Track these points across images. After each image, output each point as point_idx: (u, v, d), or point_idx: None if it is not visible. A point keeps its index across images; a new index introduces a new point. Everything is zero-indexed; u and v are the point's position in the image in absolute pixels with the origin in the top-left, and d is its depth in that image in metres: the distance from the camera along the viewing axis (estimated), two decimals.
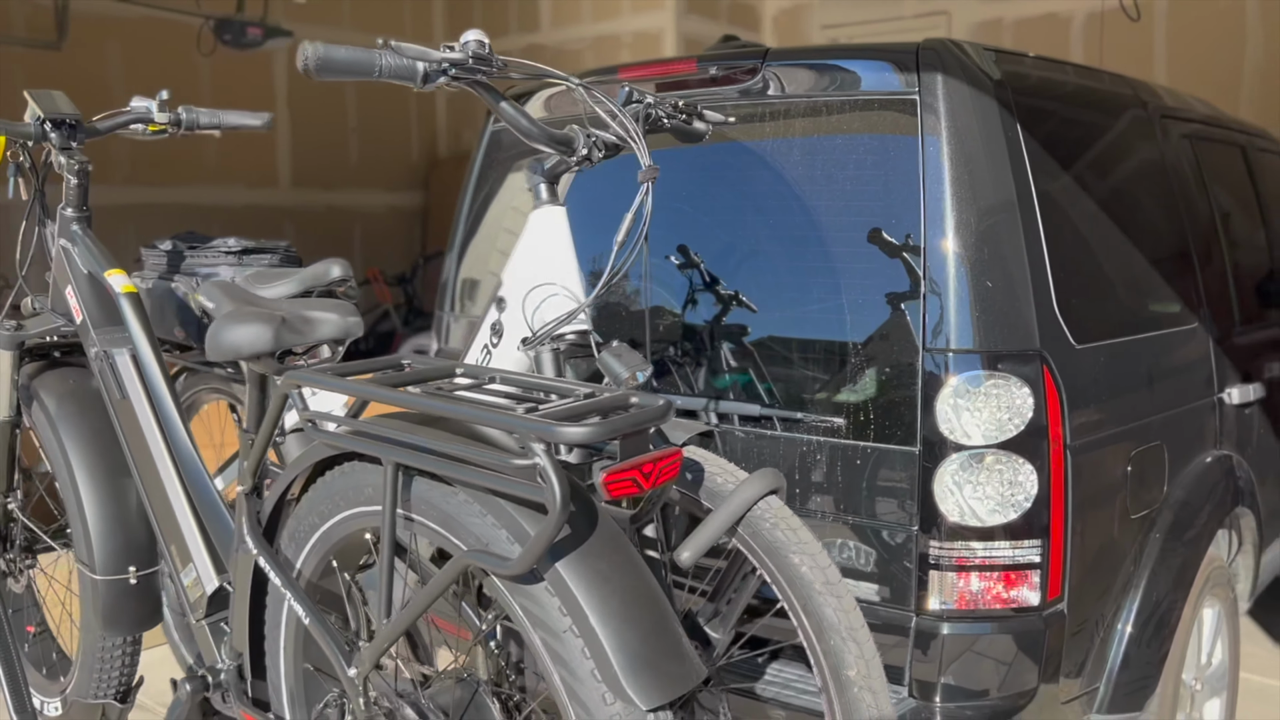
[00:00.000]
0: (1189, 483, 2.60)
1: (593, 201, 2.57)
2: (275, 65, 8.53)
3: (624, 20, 8.60)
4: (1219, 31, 6.91)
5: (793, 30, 8.96)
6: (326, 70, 1.52)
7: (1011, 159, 2.22)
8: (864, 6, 8.54)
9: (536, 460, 1.19)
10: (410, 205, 9.90)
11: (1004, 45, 8.28)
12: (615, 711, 1.25)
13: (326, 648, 1.55)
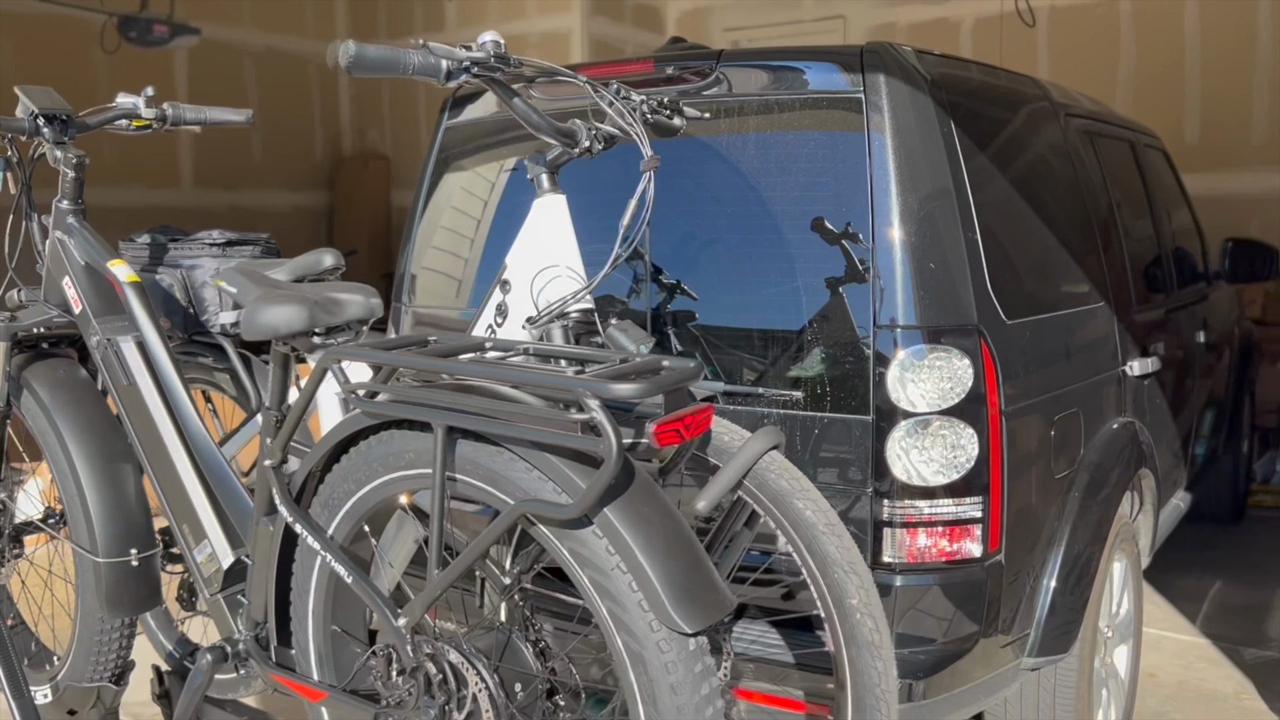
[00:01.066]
0: (1100, 447, 2.86)
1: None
2: (176, 63, 8.40)
3: (531, 21, 8.70)
4: (1097, 39, 7.37)
5: (695, 32, 9.17)
6: (359, 68, 1.63)
7: (947, 152, 2.44)
8: (764, 10, 8.81)
9: (593, 414, 1.34)
10: (315, 205, 9.84)
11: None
12: (661, 637, 1.39)
13: (372, 602, 1.66)
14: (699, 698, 1.41)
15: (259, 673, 1.93)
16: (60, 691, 2.33)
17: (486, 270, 2.99)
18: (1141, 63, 7.30)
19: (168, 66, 8.34)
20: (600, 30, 8.59)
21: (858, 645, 1.67)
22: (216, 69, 8.67)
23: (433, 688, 1.60)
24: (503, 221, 2.99)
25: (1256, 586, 4.62)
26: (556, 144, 1.84)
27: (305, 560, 1.80)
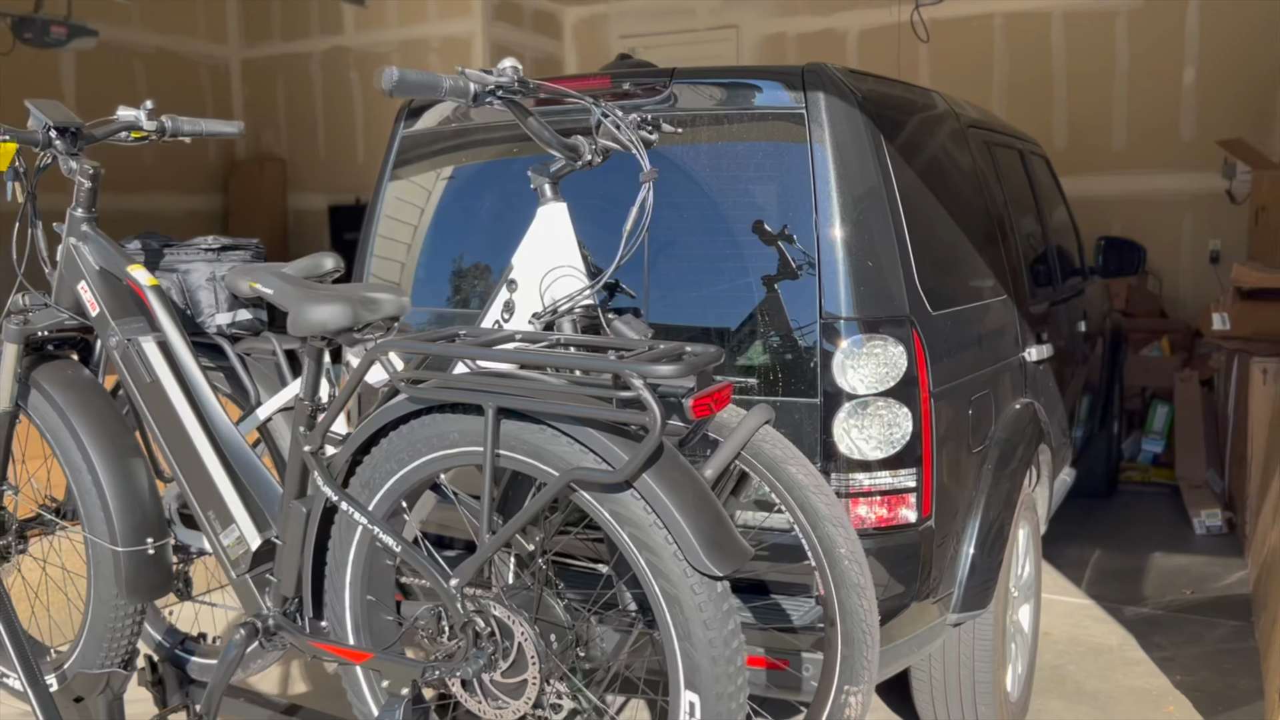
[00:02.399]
0: (1007, 425, 3.20)
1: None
2: (64, 65, 8.22)
3: (432, 26, 8.79)
4: (973, 51, 7.87)
5: (591, 39, 9.41)
6: (400, 89, 1.81)
7: (877, 161, 2.73)
8: (659, 19, 9.09)
9: (640, 392, 1.55)
10: (209, 208, 9.71)
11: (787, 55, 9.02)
12: (694, 581, 1.61)
13: (424, 568, 1.83)
14: (726, 632, 1.64)
15: (296, 644, 2.08)
16: (68, 680, 2.42)
17: (446, 270, 3.16)
18: (1014, 74, 7.84)
19: (55, 68, 8.16)
20: (500, 35, 8.74)
21: (846, 588, 1.92)
22: (106, 70, 8.51)
23: (480, 640, 1.79)
24: (461, 224, 3.16)
25: (1131, 553, 5.10)
26: (561, 157, 2.04)
27: (343, 536, 1.96)
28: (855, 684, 1.92)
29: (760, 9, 8.68)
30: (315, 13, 9.39)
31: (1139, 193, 7.51)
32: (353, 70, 9.29)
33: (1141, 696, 3.61)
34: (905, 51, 8.07)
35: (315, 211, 9.63)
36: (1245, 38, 7.21)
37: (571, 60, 9.50)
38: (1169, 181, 7.49)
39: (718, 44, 8.92)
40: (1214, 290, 7.29)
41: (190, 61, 9.41)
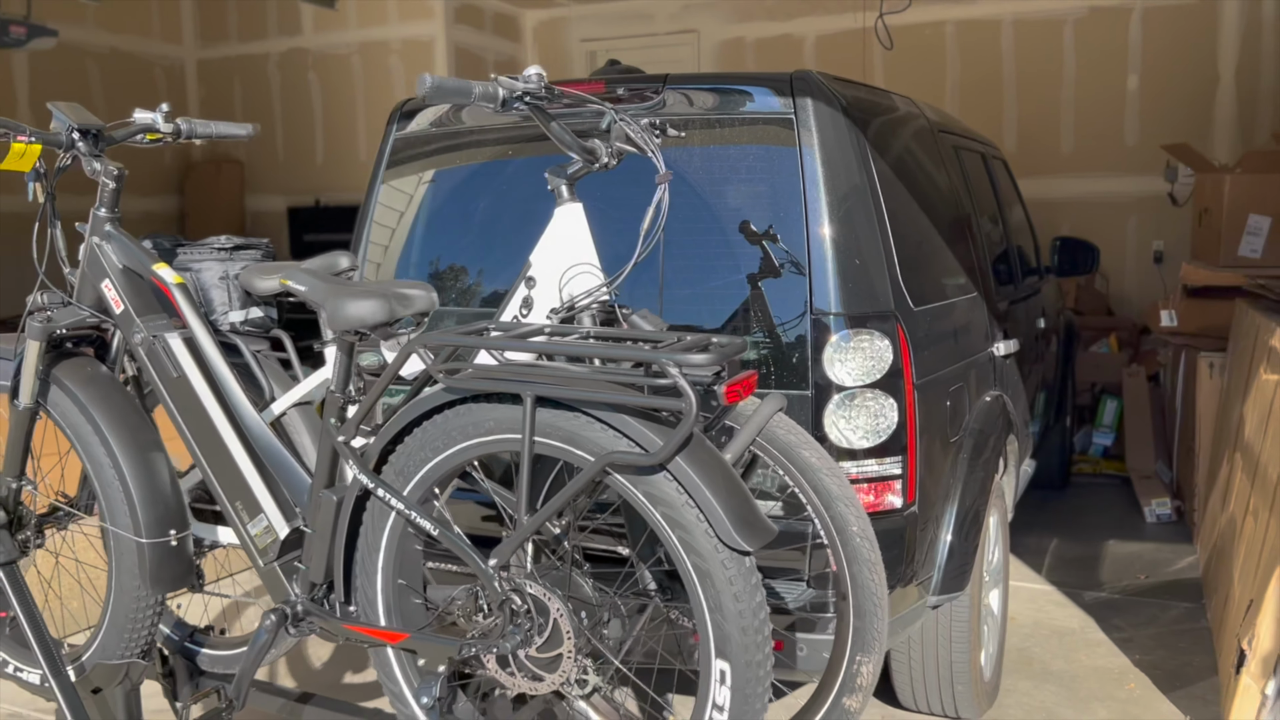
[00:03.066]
0: (980, 416, 3.35)
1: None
2: (16, 65, 8.12)
3: (392, 28, 8.80)
4: (927, 56, 8.08)
5: (552, 42, 9.49)
6: (437, 95, 1.89)
7: (861, 164, 2.86)
8: (620, 23, 9.19)
9: (676, 380, 1.65)
10: (166, 210, 9.63)
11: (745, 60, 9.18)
12: (725, 556, 1.72)
13: (462, 550, 1.91)
14: (754, 604, 1.75)
15: (327, 628, 2.15)
16: (86, 671, 2.46)
17: (439, 269, 3.24)
18: (966, 79, 8.06)
19: (8, 68, 8.06)
20: (461, 38, 8.78)
21: (858, 563, 2.04)
22: (60, 71, 8.41)
23: (517, 617, 1.88)
24: (454, 224, 3.24)
25: (1086, 541, 5.30)
26: (579, 160, 2.14)
27: (376, 522, 2.04)
28: (867, 653, 2.04)
29: (719, 14, 8.82)
30: (273, 14, 9.36)
31: (1086, 195, 7.76)
32: (311, 72, 9.27)
33: (1104, 675, 3.79)
34: (859, 58, 8.27)
35: (274, 213, 9.59)
36: (1184, 47, 7.50)
37: (532, 63, 9.56)
38: (1114, 184, 7.76)
39: (677, 48, 9.04)
40: (1158, 289, 7.58)
41: (145, 62, 9.33)
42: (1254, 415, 4.12)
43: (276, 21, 9.36)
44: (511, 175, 3.21)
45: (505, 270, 3.13)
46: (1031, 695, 3.64)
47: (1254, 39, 7.37)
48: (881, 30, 6.94)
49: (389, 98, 8.96)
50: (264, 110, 9.53)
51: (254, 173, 9.67)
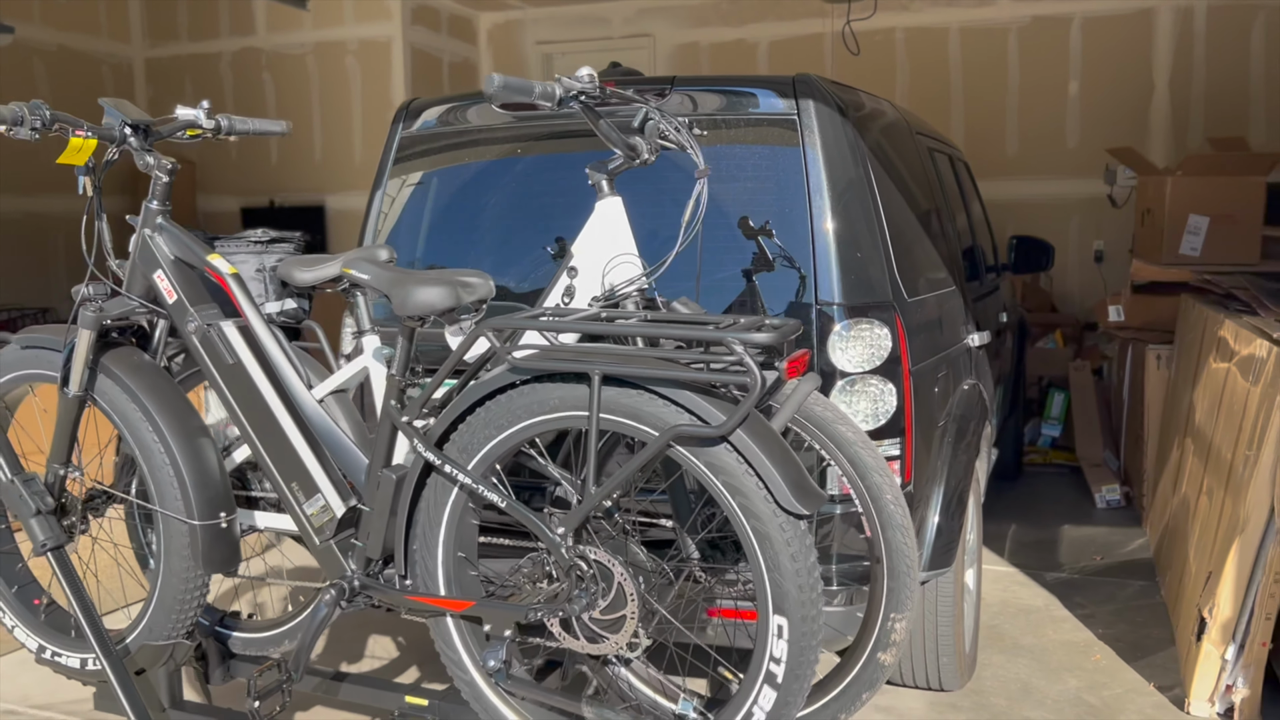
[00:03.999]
0: (962, 402, 3.54)
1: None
2: None
3: (349, 28, 8.80)
4: (877, 62, 8.31)
5: (506, 45, 9.57)
6: (503, 93, 2.01)
7: (860, 164, 3.02)
8: (575, 26, 9.31)
9: (743, 356, 1.78)
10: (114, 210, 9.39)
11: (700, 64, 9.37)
12: (782, 520, 1.85)
13: (529, 520, 2.02)
14: (809, 564, 1.88)
15: (388, 600, 2.23)
16: (130, 653, 2.51)
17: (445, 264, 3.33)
18: (915, 84, 8.32)
19: None
20: (418, 39, 8.82)
21: (892, 528, 2.19)
22: (5, 67, 8.28)
23: (584, 582, 1.99)
24: (460, 221, 3.34)
25: (1042, 526, 5.55)
26: (620, 156, 2.26)
27: (438, 498, 2.14)
28: (900, 612, 2.20)
29: (674, 19, 8.98)
30: (225, 13, 9.30)
31: (1030, 196, 8.06)
32: (265, 72, 9.23)
33: (1071, 648, 4.01)
34: (811, 63, 8.49)
35: (226, 214, 9.53)
36: (1122, 56, 7.84)
37: (487, 65, 9.64)
38: (1057, 186, 8.08)
39: (633, 52, 9.17)
40: (1098, 287, 7.91)
41: (93, 60, 9.21)
42: (1205, 402, 4.38)
43: (229, 21, 9.30)
44: (516, 173, 3.32)
45: (510, 266, 3.23)
46: (1006, 668, 3.84)
47: (1186, 50, 7.74)
48: (849, 36, 7.15)
49: (346, 98, 8.97)
50: (216, 110, 9.45)
51: (206, 173, 9.58)
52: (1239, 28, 7.61)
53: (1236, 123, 7.58)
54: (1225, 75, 7.67)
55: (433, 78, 9.04)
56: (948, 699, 3.58)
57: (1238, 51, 7.64)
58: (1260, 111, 7.62)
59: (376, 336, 2.49)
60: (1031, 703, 3.56)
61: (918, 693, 3.61)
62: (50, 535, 2.46)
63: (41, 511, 2.45)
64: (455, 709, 2.44)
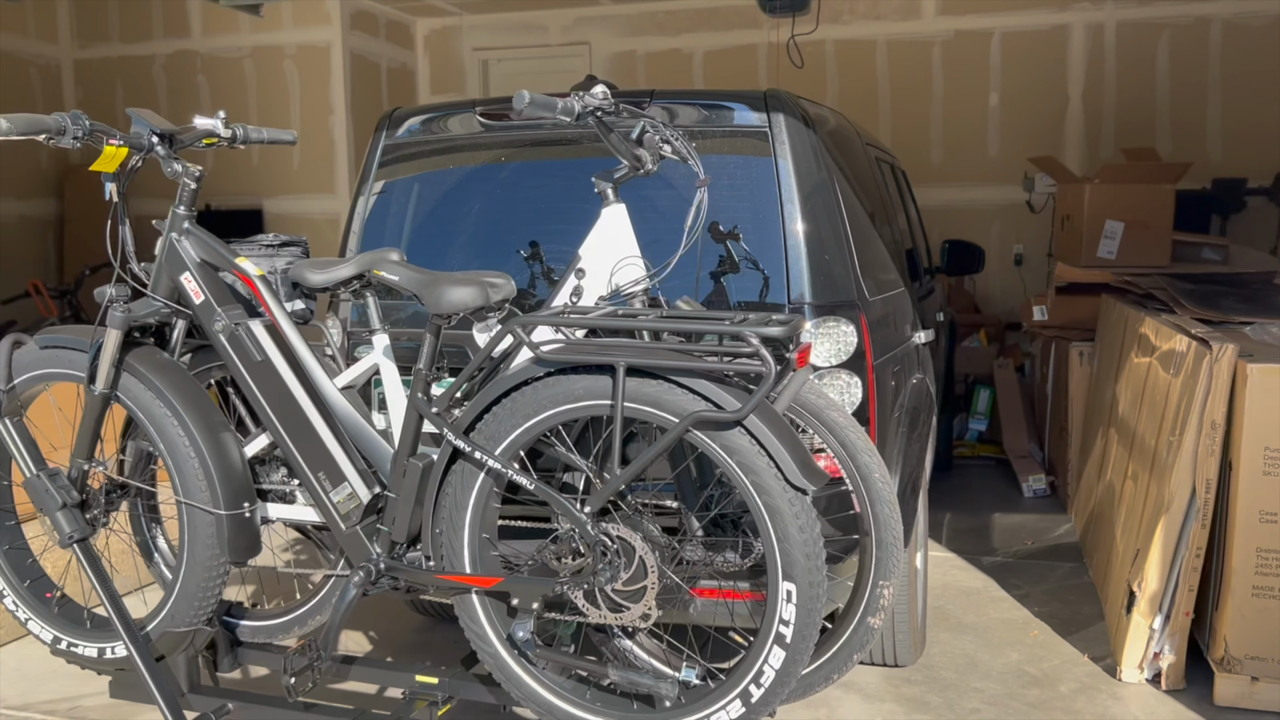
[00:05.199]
0: (913, 396, 3.79)
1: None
2: None
3: (287, 32, 8.81)
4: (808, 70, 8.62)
5: (444, 50, 9.66)
6: (531, 109, 2.17)
7: (826, 172, 3.25)
8: (512, 33, 9.44)
9: (758, 348, 1.97)
10: (44, 214, 9.36)
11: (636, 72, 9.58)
12: (791, 495, 2.05)
13: (556, 501, 2.18)
14: (813, 535, 2.09)
15: (416, 580, 2.37)
16: (152, 640, 2.61)
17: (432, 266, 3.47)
18: (844, 94, 8.64)
19: None
20: (357, 44, 8.87)
21: (880, 503, 2.41)
22: None
23: (608, 556, 2.17)
24: (442, 227, 3.48)
25: (975, 515, 5.87)
26: (626, 165, 2.44)
27: (465, 482, 2.29)
28: (887, 578, 2.42)
29: (611, 28, 9.17)
30: (157, 15, 9.22)
31: (954, 202, 8.44)
32: (201, 75, 9.18)
33: (1010, 625, 4.30)
34: (746, 72, 8.77)
35: (160, 217, 9.42)
36: (1038, 70, 8.27)
37: (424, 71, 9.72)
38: (979, 193, 8.47)
39: (570, 59, 9.34)
40: (1019, 288, 8.32)
41: (19, 60, 9.06)
42: (1127, 394, 4.72)
43: (162, 23, 9.23)
44: (494, 180, 3.48)
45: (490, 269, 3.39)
46: (952, 644, 4.10)
47: (1098, 64, 8.19)
48: (794, 50, 7.42)
49: (284, 102, 8.97)
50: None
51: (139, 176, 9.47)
52: (1146, 44, 8.09)
53: (1145, 134, 8.05)
54: (1134, 89, 8.14)
55: (371, 83, 9.09)
56: (902, 674, 3.83)
57: (1145, 67, 8.11)
58: (1166, 123, 8.11)
59: (386, 335, 2.63)
60: (978, 675, 3.83)
61: (874, 668, 3.86)
62: (77, 527, 2.55)
63: (67, 505, 2.55)
64: (464, 685, 2.59)
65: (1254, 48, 7.89)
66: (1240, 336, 3.92)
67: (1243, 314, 4.46)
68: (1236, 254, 6.15)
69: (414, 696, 2.58)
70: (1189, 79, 8.04)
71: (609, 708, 2.28)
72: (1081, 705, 3.60)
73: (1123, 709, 3.57)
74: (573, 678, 2.34)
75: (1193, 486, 3.61)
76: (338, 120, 8.76)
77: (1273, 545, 3.46)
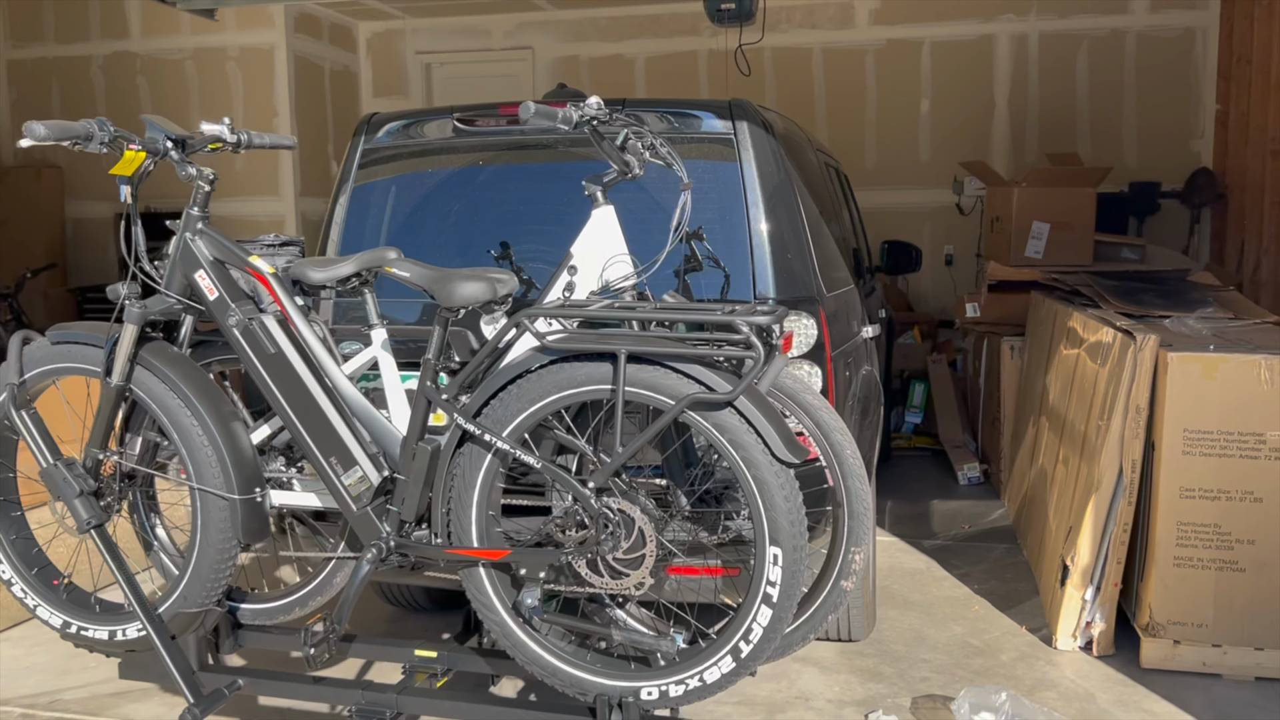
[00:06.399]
0: (863, 386, 4.04)
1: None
2: None
3: (229, 35, 8.82)
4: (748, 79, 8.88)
5: (386, 54, 9.74)
6: (535, 118, 2.35)
7: (786, 176, 3.48)
8: (455, 37, 9.56)
9: (748, 335, 2.18)
10: None
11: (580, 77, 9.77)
12: (778, 469, 2.25)
13: (560, 479, 2.36)
14: (797, 504, 2.30)
15: (427, 555, 2.53)
16: (165, 620, 2.72)
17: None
18: (782, 100, 8.92)
19: None
20: (301, 47, 8.92)
21: (852, 477, 2.63)
22: None
23: (610, 526, 2.35)
24: (419, 226, 3.64)
25: (914, 502, 6.17)
26: (615, 170, 2.63)
27: (473, 463, 2.45)
28: (859, 545, 2.64)
29: (554, 33, 9.35)
30: (95, 15, 9.16)
31: (887, 205, 8.77)
32: (140, 76, 9.14)
33: (953, 602, 4.57)
34: (687, 78, 9.01)
35: (99, 220, 9.38)
36: (966, 78, 8.64)
37: (366, 73, 9.79)
38: (911, 196, 8.82)
39: (513, 63, 9.50)
40: (950, 287, 8.68)
41: None
42: (1057, 384, 5.03)
43: (99, 23, 9.17)
44: (468, 182, 3.65)
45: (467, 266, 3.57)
46: (900, 620, 4.37)
47: (1022, 73, 8.59)
48: (741, 58, 7.66)
49: (227, 104, 8.97)
50: (87, 114, 9.20)
51: (76, 178, 9.40)
52: (1066, 54, 8.52)
53: (1066, 139, 8.47)
54: (1056, 96, 8.56)
55: (315, 85, 9.14)
56: (855, 648, 4.08)
57: (1066, 75, 8.54)
58: (1086, 129, 8.54)
59: (383, 330, 2.79)
60: (926, 647, 4.09)
61: (830, 643, 4.09)
62: (94, 514, 2.66)
63: (84, 492, 2.66)
64: (462, 657, 2.76)
65: (1166, 59, 8.35)
66: (1161, 329, 4.24)
67: (1162, 308, 4.81)
68: (1153, 253, 6.55)
69: (414, 669, 2.74)
70: (1106, 87, 8.48)
71: (608, 669, 2.46)
72: (1022, 671, 3.87)
73: (1059, 674, 3.86)
74: (573, 642, 2.52)
75: (1120, 467, 3.91)
76: (282, 122, 8.79)
77: (1192, 519, 3.77)
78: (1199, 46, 8.31)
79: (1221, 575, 3.75)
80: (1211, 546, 3.76)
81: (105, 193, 9.31)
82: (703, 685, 2.38)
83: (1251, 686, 3.71)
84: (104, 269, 9.41)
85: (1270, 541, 3.71)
